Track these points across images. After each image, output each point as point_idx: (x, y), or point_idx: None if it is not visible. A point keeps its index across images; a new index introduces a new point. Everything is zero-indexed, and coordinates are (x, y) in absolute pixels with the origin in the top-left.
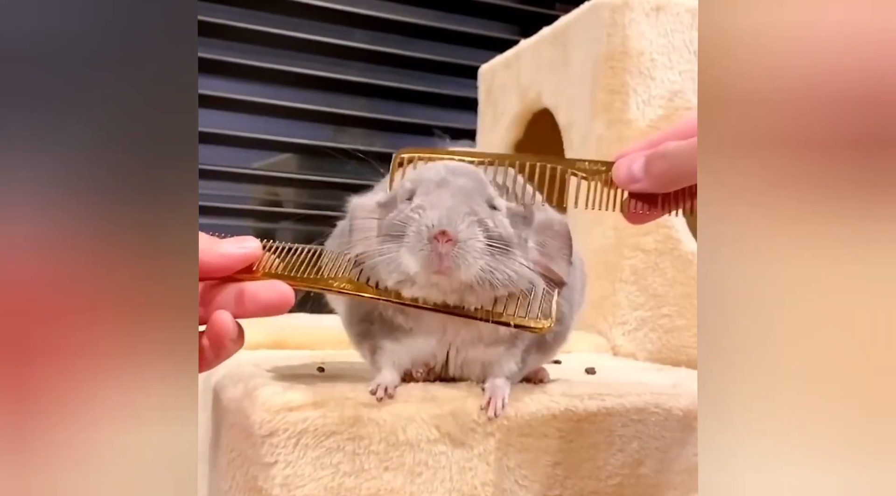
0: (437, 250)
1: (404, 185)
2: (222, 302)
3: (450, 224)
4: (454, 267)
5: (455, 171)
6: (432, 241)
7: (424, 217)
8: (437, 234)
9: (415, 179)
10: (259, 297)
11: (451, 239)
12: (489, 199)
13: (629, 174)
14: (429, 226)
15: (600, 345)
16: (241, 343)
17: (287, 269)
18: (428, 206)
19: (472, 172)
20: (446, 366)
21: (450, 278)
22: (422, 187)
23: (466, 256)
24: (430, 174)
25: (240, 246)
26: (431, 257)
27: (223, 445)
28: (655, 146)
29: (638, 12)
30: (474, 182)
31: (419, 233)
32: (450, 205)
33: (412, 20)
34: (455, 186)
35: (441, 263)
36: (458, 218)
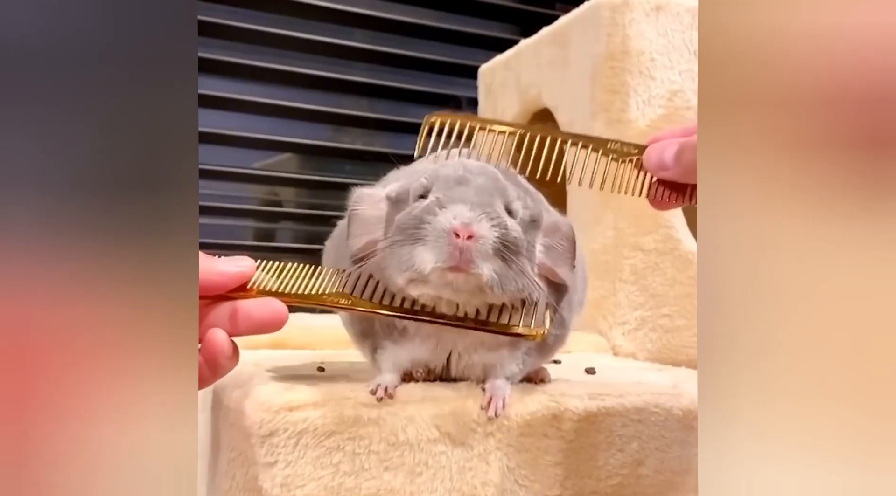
0: (457, 245)
1: (419, 182)
2: (216, 320)
3: (472, 220)
4: (473, 264)
5: (474, 170)
6: (452, 236)
7: (445, 212)
8: (458, 229)
9: (430, 176)
10: (253, 315)
11: (473, 235)
12: (507, 202)
13: (660, 161)
14: (450, 220)
15: (600, 345)
16: (237, 360)
17: (281, 287)
18: (448, 202)
19: (490, 172)
20: (447, 368)
21: (466, 277)
22: (439, 184)
23: (485, 254)
24: (448, 171)
25: (236, 265)
26: (452, 252)
27: (223, 445)
28: (690, 134)
29: (638, 12)
30: (493, 182)
31: (438, 227)
32: (474, 201)
33: (412, 20)
34: (476, 184)
35: (460, 258)
36: (480, 214)
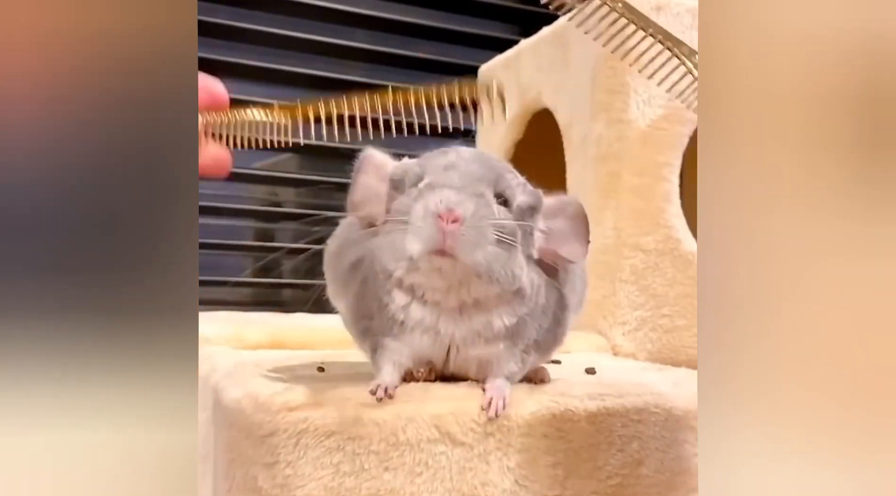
0: (441, 228)
1: (413, 169)
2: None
3: (457, 204)
4: (458, 248)
5: (465, 157)
6: (436, 218)
7: (432, 195)
8: (442, 212)
9: (422, 164)
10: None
11: (458, 219)
12: (501, 189)
13: None
14: (435, 203)
15: (600, 345)
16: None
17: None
18: (436, 186)
19: (484, 159)
20: (447, 364)
21: (453, 261)
22: (430, 170)
23: (472, 238)
24: (441, 159)
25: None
26: (437, 236)
27: (223, 445)
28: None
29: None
30: (485, 169)
31: (424, 210)
32: (458, 185)
33: (412, 20)
34: (464, 170)
35: (444, 242)
36: (465, 199)
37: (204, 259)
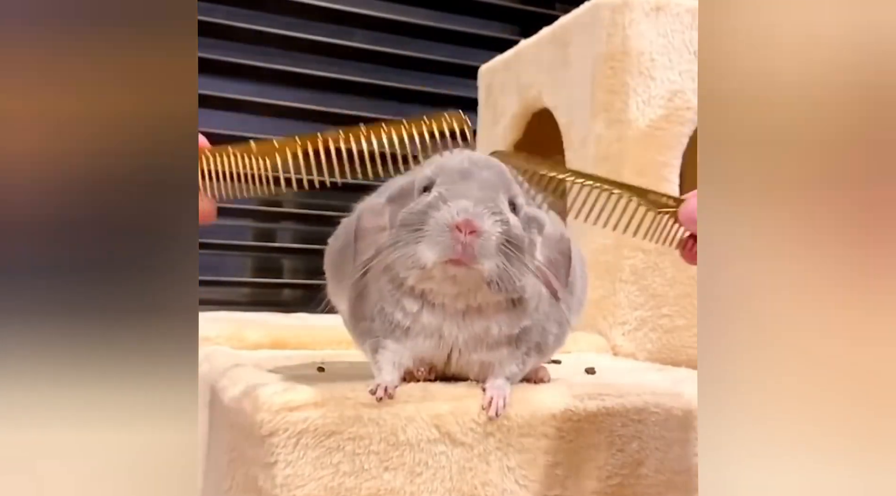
0: (459, 240)
1: (423, 174)
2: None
3: (476, 216)
4: (474, 257)
5: (479, 163)
6: (454, 230)
7: (448, 207)
8: (460, 224)
9: (434, 169)
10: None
11: (476, 230)
12: (512, 197)
13: (693, 216)
14: (453, 215)
15: (600, 345)
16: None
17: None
18: (451, 197)
19: (495, 166)
20: (448, 365)
21: (468, 271)
22: (443, 177)
23: (487, 248)
24: (453, 164)
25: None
26: (454, 246)
27: (223, 445)
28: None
29: (638, 12)
30: (498, 176)
31: (441, 222)
32: (477, 196)
33: (412, 20)
34: (480, 179)
35: (462, 253)
36: (483, 210)
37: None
